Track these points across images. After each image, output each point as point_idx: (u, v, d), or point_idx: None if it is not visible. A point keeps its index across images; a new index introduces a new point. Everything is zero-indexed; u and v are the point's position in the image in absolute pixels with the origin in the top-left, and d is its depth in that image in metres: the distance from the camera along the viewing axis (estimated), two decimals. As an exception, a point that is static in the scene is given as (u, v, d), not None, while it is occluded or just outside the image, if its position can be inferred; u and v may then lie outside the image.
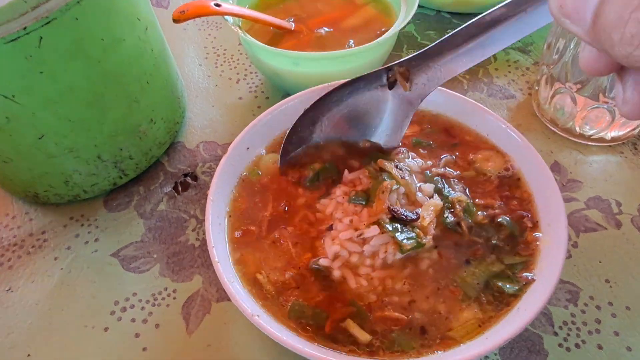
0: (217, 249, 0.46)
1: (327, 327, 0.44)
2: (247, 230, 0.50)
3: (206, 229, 0.47)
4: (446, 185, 0.52)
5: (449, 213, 0.49)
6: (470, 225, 0.49)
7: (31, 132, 0.52)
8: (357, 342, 0.43)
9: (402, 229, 0.46)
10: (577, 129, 0.65)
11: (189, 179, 0.65)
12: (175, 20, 0.61)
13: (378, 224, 0.46)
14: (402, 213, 0.47)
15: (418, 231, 0.47)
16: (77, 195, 0.61)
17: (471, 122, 0.57)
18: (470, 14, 0.85)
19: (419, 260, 0.47)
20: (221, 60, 0.80)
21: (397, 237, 0.46)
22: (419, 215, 0.47)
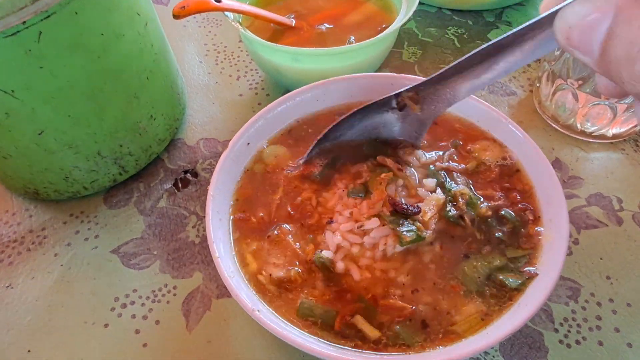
0: (217, 245, 0.46)
1: (336, 324, 0.44)
2: (248, 224, 0.50)
3: (207, 225, 0.47)
4: (449, 179, 0.51)
5: (451, 206, 0.49)
6: (472, 218, 0.49)
7: (31, 128, 0.52)
8: (363, 337, 0.43)
9: (403, 222, 0.47)
10: (579, 125, 0.65)
11: (189, 176, 0.65)
12: (175, 15, 0.61)
13: (379, 217, 0.47)
14: (403, 204, 0.47)
15: (419, 225, 0.47)
16: (77, 191, 0.61)
17: (473, 117, 0.57)
18: (471, 11, 0.84)
19: (420, 253, 0.47)
20: (221, 57, 0.80)
21: (397, 229, 0.46)
22: (420, 209, 0.47)
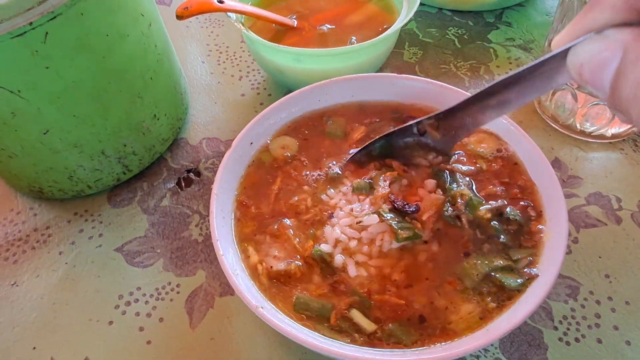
0: (221, 243, 0.46)
1: (332, 318, 0.44)
2: (250, 214, 0.51)
3: (210, 223, 0.47)
4: (451, 180, 0.52)
5: (449, 206, 0.50)
6: (470, 219, 0.49)
7: (36, 127, 0.52)
8: (360, 331, 0.44)
9: (401, 219, 0.47)
10: (578, 125, 0.65)
11: (192, 175, 0.66)
12: (178, 16, 0.62)
13: (378, 213, 0.48)
14: (401, 203, 0.48)
15: (416, 223, 0.48)
16: (81, 190, 0.61)
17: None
18: (471, 12, 0.85)
19: (417, 252, 0.48)
20: (224, 58, 0.80)
21: (394, 225, 0.47)
22: (419, 207, 0.48)
